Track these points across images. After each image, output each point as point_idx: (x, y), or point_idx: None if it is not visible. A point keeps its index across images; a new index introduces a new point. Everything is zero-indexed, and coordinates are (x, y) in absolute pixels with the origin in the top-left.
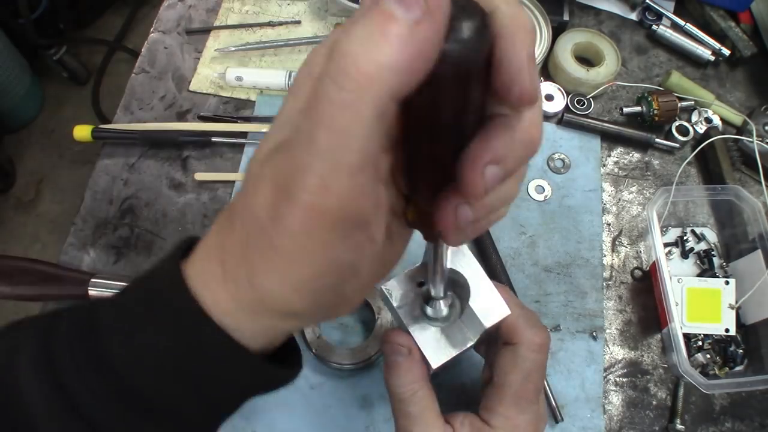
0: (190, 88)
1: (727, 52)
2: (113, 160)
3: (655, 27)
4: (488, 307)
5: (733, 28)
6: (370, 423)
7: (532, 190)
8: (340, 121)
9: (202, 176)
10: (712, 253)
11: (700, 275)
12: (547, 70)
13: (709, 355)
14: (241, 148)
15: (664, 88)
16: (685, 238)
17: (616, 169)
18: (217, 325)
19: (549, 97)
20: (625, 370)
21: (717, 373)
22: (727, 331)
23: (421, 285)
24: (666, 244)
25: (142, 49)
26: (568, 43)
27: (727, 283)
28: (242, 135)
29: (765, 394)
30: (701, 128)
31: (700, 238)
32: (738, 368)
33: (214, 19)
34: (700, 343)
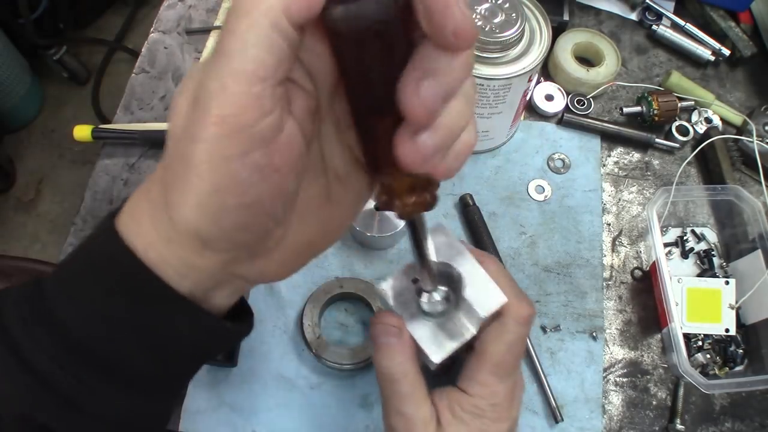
0: None
1: (727, 52)
2: (113, 160)
3: (655, 27)
4: (484, 296)
5: (733, 28)
6: (370, 423)
7: (532, 190)
8: (238, 27)
9: None
10: (712, 253)
11: (700, 275)
12: (547, 70)
13: (709, 355)
14: None
15: (664, 88)
16: (685, 238)
17: (616, 169)
18: (139, 261)
19: (549, 97)
20: (625, 370)
21: (717, 373)
22: (727, 331)
23: (416, 282)
24: (666, 244)
25: (142, 49)
26: (568, 43)
27: (727, 283)
28: None
29: (765, 394)
30: (701, 128)
31: (700, 238)
32: (738, 368)
33: (214, 19)
34: (700, 343)
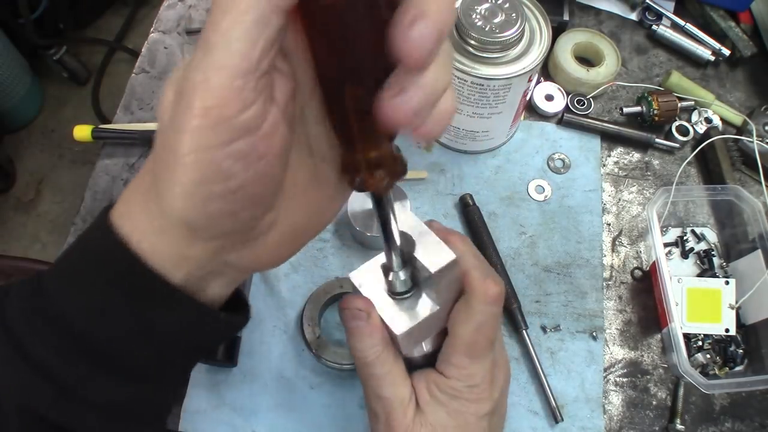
0: None
1: (727, 52)
2: (113, 160)
3: (655, 27)
4: (434, 255)
5: (733, 28)
6: None
7: (532, 190)
8: (223, 24)
9: None
10: (712, 253)
11: (700, 275)
12: (547, 70)
13: (709, 355)
14: None
15: (664, 88)
16: (685, 238)
17: (616, 169)
18: (133, 252)
19: (549, 97)
20: (625, 370)
21: (717, 373)
22: (727, 331)
23: (384, 265)
24: (666, 244)
25: (142, 49)
26: (568, 43)
27: (727, 283)
28: None
29: (765, 394)
30: (701, 128)
31: (700, 238)
32: (738, 368)
33: None
34: (700, 343)
